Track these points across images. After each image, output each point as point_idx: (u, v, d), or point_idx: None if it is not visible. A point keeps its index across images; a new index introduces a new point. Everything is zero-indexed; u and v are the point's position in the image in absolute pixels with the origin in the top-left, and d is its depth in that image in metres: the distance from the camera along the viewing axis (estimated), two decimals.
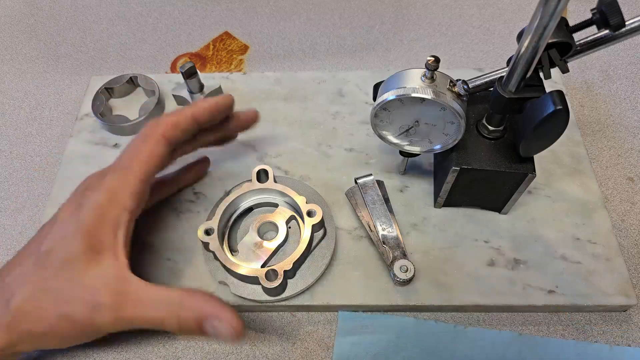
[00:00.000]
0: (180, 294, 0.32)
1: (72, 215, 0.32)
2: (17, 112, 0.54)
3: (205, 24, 0.62)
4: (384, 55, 0.58)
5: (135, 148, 0.35)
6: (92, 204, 0.32)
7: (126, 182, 0.33)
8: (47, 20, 0.63)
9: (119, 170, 0.34)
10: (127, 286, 0.31)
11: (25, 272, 0.31)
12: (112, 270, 0.31)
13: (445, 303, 0.38)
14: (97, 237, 0.31)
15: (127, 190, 0.33)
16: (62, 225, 0.32)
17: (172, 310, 0.31)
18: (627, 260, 0.42)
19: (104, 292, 0.31)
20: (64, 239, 0.31)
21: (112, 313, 0.31)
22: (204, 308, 0.31)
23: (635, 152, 0.48)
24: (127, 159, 0.35)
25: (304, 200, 0.39)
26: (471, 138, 0.38)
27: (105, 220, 0.32)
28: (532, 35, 0.28)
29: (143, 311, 0.31)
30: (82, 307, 0.30)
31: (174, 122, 0.36)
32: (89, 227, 0.31)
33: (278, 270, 0.36)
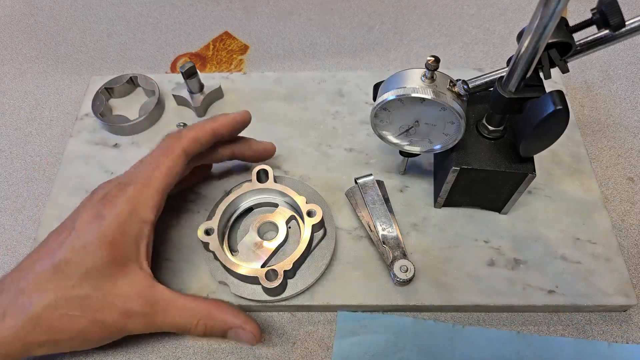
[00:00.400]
0: (207, 305, 0.35)
1: (92, 224, 0.32)
2: (17, 112, 0.54)
3: (205, 24, 0.62)
4: (384, 55, 0.58)
5: (156, 160, 0.35)
6: (114, 215, 0.32)
7: (147, 195, 0.34)
8: (47, 20, 0.63)
9: (141, 183, 0.34)
10: (157, 295, 0.34)
11: (42, 279, 0.31)
12: (141, 280, 0.33)
13: (445, 303, 0.38)
14: (121, 249, 0.32)
15: (148, 204, 0.34)
16: (81, 235, 0.32)
17: (201, 320, 0.34)
18: (627, 260, 0.42)
19: (136, 300, 0.33)
20: (84, 249, 0.31)
21: (145, 319, 0.33)
22: (230, 320, 0.35)
23: (635, 152, 0.48)
24: (149, 170, 0.35)
25: (304, 200, 0.39)
26: (471, 138, 0.38)
27: (128, 233, 0.33)
28: (532, 35, 0.28)
29: (173, 318, 0.34)
30: (115, 314, 0.32)
31: (195, 137, 0.37)
32: (112, 239, 0.32)
33: (278, 270, 0.36)
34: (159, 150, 0.36)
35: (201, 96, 0.49)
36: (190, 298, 0.35)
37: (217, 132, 0.38)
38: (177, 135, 0.37)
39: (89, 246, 0.31)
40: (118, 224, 0.32)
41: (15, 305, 0.31)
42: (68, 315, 0.31)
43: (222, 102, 0.51)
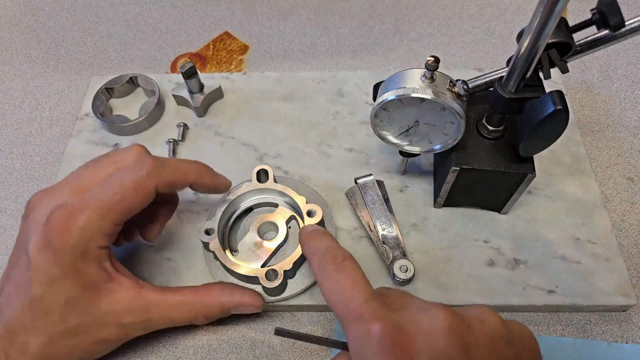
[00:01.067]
0: (200, 295, 0.35)
1: (47, 255, 0.30)
2: (17, 112, 0.54)
3: (205, 24, 0.62)
4: (384, 55, 0.58)
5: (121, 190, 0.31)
6: (69, 246, 0.30)
7: (102, 226, 0.31)
8: (47, 20, 0.63)
9: (97, 213, 0.30)
10: (146, 301, 0.33)
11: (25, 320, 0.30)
12: (124, 295, 0.32)
13: (445, 303, 0.38)
14: (88, 278, 0.31)
15: (103, 234, 0.31)
16: (42, 268, 0.30)
17: (197, 312, 0.34)
18: (627, 260, 0.42)
19: (127, 314, 0.33)
20: (52, 284, 0.30)
21: (142, 325, 0.34)
22: (227, 302, 0.35)
23: (635, 152, 0.48)
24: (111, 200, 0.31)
25: (304, 201, 0.39)
26: (471, 138, 0.38)
27: (88, 261, 0.31)
28: (532, 35, 0.28)
29: (170, 317, 0.34)
30: (113, 329, 0.33)
31: (172, 182, 0.33)
32: (75, 269, 0.30)
33: (278, 270, 0.36)
34: (129, 179, 0.31)
35: (201, 96, 0.49)
36: (182, 292, 0.35)
37: (194, 185, 0.35)
38: (157, 169, 0.32)
39: (55, 280, 0.30)
40: (75, 256, 0.30)
41: (14, 346, 0.30)
42: (68, 345, 0.31)
43: (222, 102, 0.51)
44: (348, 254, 0.30)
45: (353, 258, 0.30)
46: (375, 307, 0.26)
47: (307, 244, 0.32)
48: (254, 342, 0.38)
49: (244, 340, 0.38)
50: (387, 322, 0.25)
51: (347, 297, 0.27)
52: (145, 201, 0.32)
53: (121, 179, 0.32)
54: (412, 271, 0.37)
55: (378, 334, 0.25)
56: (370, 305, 0.26)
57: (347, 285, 0.28)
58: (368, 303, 0.26)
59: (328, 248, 0.31)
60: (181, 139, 0.48)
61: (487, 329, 0.26)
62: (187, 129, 0.49)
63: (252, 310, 0.36)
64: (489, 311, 0.27)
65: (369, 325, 0.25)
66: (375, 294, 0.28)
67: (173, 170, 0.34)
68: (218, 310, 0.35)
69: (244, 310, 0.36)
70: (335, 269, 0.29)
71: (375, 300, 0.27)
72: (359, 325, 0.26)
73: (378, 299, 0.27)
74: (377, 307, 0.26)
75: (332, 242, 0.32)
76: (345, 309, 0.27)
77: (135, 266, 0.41)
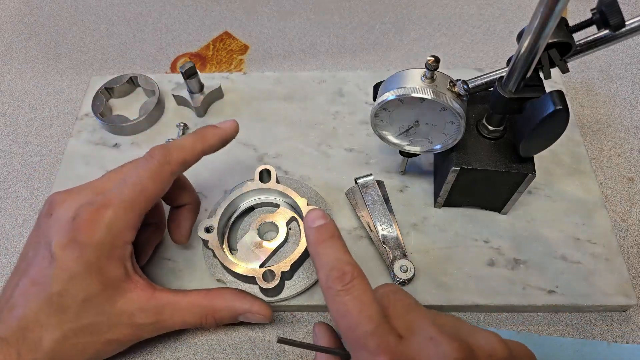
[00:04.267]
0: (211, 298, 0.35)
1: (72, 252, 0.30)
2: (17, 112, 0.54)
3: (205, 24, 0.62)
4: (384, 55, 0.58)
5: (141, 183, 0.33)
6: (95, 243, 0.31)
7: (128, 219, 0.32)
8: (47, 20, 0.63)
9: (122, 207, 0.32)
10: (159, 302, 0.34)
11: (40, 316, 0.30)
12: (139, 295, 0.33)
13: (445, 303, 0.38)
14: (109, 275, 0.32)
15: (129, 227, 0.32)
16: (65, 265, 0.30)
17: (207, 314, 0.35)
18: (627, 260, 0.42)
19: (141, 314, 0.33)
20: (73, 280, 0.30)
21: (155, 327, 0.34)
22: (237, 307, 0.35)
23: (635, 152, 0.48)
24: (132, 193, 0.32)
25: (305, 202, 0.39)
26: (471, 138, 0.38)
27: (112, 258, 0.32)
28: (532, 35, 0.28)
29: (182, 319, 0.34)
30: (126, 330, 0.33)
31: (184, 160, 0.35)
32: (98, 267, 0.31)
33: (275, 271, 0.36)
34: (145, 170, 0.33)
35: (201, 96, 0.49)
36: (194, 295, 0.35)
37: (206, 152, 0.36)
38: (167, 156, 0.34)
39: (76, 277, 0.30)
40: (101, 252, 0.31)
41: (25, 342, 0.30)
42: (81, 343, 0.32)
43: (222, 102, 0.51)
44: (357, 270, 0.28)
45: (362, 275, 0.28)
46: (382, 337, 0.25)
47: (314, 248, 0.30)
48: (254, 342, 0.38)
49: (244, 340, 0.38)
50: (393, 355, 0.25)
51: (353, 323, 0.26)
52: (163, 188, 0.34)
53: (137, 172, 0.33)
54: (412, 271, 0.37)
55: None
56: (377, 335, 0.25)
57: (354, 310, 0.26)
58: (375, 332, 0.25)
59: (336, 261, 0.28)
60: None
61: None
62: (187, 129, 0.49)
63: (260, 320, 0.36)
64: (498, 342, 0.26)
65: (374, 358, 0.25)
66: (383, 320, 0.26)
67: (180, 151, 0.35)
68: (228, 315, 0.35)
69: (252, 318, 0.36)
70: (343, 290, 0.27)
71: (382, 327, 0.26)
72: (364, 353, 0.25)
73: (385, 326, 0.26)
74: (383, 337, 0.25)
75: (340, 251, 0.29)
76: (351, 335, 0.26)
77: None
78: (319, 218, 0.31)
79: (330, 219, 0.31)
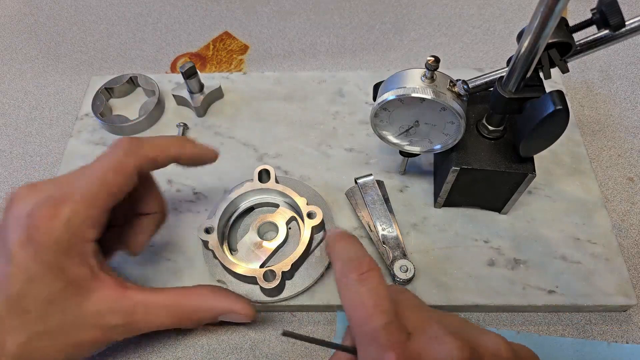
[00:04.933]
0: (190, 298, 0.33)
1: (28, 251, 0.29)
2: (17, 112, 0.54)
3: (205, 24, 0.62)
4: (384, 55, 0.58)
5: (103, 175, 0.31)
6: (52, 242, 0.29)
7: (89, 215, 0.30)
8: (47, 20, 0.63)
9: (81, 202, 0.30)
10: (130, 301, 0.31)
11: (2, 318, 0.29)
12: (108, 294, 0.31)
13: (445, 303, 0.38)
14: (71, 275, 0.30)
15: (89, 224, 0.30)
16: (22, 265, 0.28)
17: (184, 315, 0.33)
18: (627, 260, 0.42)
19: (111, 315, 0.31)
20: (32, 282, 0.29)
21: (126, 329, 0.32)
22: (217, 307, 0.33)
23: (635, 152, 0.48)
24: (92, 186, 0.30)
25: (305, 202, 0.39)
26: (471, 138, 0.38)
27: (72, 257, 0.30)
28: (532, 35, 0.28)
29: (156, 320, 0.32)
30: (95, 332, 0.31)
31: (154, 158, 0.32)
32: (58, 266, 0.29)
33: (276, 271, 0.36)
34: (108, 161, 0.31)
35: (201, 96, 0.49)
36: (170, 293, 0.33)
37: (177, 160, 0.34)
38: (133, 148, 0.32)
39: (35, 277, 0.29)
40: (60, 251, 0.29)
41: None
42: (48, 347, 0.30)
43: (222, 102, 0.51)
44: (374, 263, 0.27)
45: (379, 269, 0.27)
46: (393, 333, 0.25)
47: (332, 246, 0.29)
48: (254, 342, 0.38)
49: (244, 340, 0.38)
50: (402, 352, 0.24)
51: (366, 316, 0.25)
52: (127, 182, 0.31)
53: (100, 163, 0.31)
54: (412, 271, 0.37)
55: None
56: (388, 330, 0.25)
57: (368, 302, 0.26)
58: (386, 327, 0.25)
59: (355, 253, 0.28)
60: None
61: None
62: (187, 129, 0.49)
63: (242, 320, 0.34)
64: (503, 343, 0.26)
65: (384, 353, 0.24)
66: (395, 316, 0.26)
67: (152, 147, 0.33)
68: (207, 315, 0.33)
69: (234, 318, 0.34)
70: (358, 279, 0.26)
71: (394, 323, 0.25)
72: (374, 348, 0.25)
73: (397, 322, 0.26)
74: (394, 333, 0.25)
75: (359, 248, 0.29)
76: (363, 327, 0.25)
77: (135, 266, 0.41)
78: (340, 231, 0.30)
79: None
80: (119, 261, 0.41)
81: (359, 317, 0.26)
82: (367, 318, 0.25)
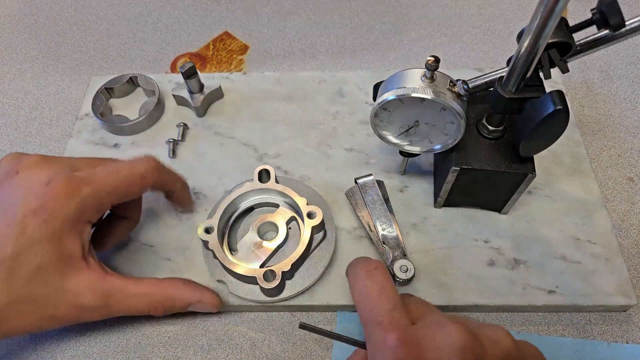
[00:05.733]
0: (163, 287, 0.36)
1: (37, 218, 0.30)
2: (17, 112, 0.54)
3: (205, 24, 0.62)
4: (384, 55, 0.58)
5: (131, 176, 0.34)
6: (63, 215, 0.31)
7: (102, 203, 0.33)
8: (47, 20, 0.63)
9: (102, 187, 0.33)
10: (109, 286, 0.34)
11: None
12: (90, 274, 0.33)
13: (445, 303, 0.38)
14: (67, 248, 0.32)
15: (98, 209, 0.33)
16: (28, 230, 0.30)
17: (158, 302, 0.35)
18: (627, 260, 0.42)
19: (88, 295, 0.33)
20: (32, 245, 0.30)
21: (100, 311, 0.34)
22: (187, 297, 0.36)
23: (635, 152, 0.48)
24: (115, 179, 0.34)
25: (305, 202, 0.39)
26: (471, 138, 0.38)
27: (73, 233, 0.32)
28: (532, 35, 0.28)
29: (130, 305, 0.35)
30: (69, 309, 0.32)
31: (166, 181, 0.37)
32: (60, 237, 0.31)
33: (276, 271, 0.36)
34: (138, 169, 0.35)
35: (201, 96, 0.49)
36: (145, 282, 0.35)
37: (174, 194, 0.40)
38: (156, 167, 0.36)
39: (37, 243, 0.30)
40: (66, 223, 0.31)
41: None
42: (24, 312, 0.31)
43: (222, 102, 0.51)
44: (380, 263, 0.31)
45: (385, 268, 0.31)
46: (396, 317, 0.28)
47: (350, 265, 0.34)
48: (254, 342, 0.38)
49: (244, 340, 0.38)
50: (404, 333, 0.26)
51: (372, 303, 0.28)
52: (140, 192, 0.36)
53: (130, 167, 0.35)
54: (412, 271, 0.37)
55: (393, 344, 0.26)
56: (392, 315, 0.28)
57: (374, 292, 0.29)
58: (390, 312, 0.28)
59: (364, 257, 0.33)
60: (181, 139, 0.48)
61: (499, 350, 0.27)
62: (187, 129, 0.49)
63: (209, 309, 0.37)
64: (503, 332, 0.27)
65: (386, 334, 0.26)
66: (400, 304, 0.29)
67: (169, 173, 0.38)
68: (177, 304, 0.36)
69: (202, 308, 0.37)
70: (366, 274, 0.30)
71: (398, 309, 0.28)
72: (378, 331, 0.27)
73: (401, 309, 0.28)
74: (397, 317, 0.27)
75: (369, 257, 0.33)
76: (369, 314, 0.28)
77: (135, 266, 0.41)
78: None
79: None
80: (117, 260, 0.41)
81: (366, 306, 0.29)
82: (373, 305, 0.28)
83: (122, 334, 0.39)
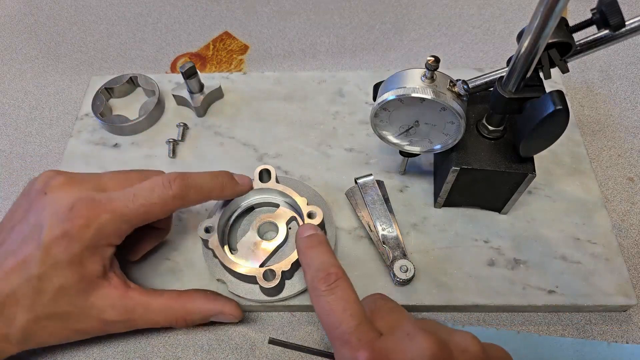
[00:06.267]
0: (183, 301, 0.36)
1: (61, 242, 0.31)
2: (17, 112, 0.54)
3: (205, 24, 0.62)
4: (384, 55, 0.58)
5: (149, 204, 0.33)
6: (86, 240, 0.32)
7: (121, 229, 0.33)
8: (47, 20, 0.63)
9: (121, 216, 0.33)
10: (131, 302, 0.35)
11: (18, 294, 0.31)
12: (112, 292, 0.34)
13: (445, 303, 0.38)
14: (87, 270, 0.33)
15: (119, 234, 0.34)
16: (51, 252, 0.31)
17: (179, 317, 0.36)
18: (627, 260, 0.42)
19: (111, 312, 0.34)
20: (56, 267, 0.32)
21: (124, 325, 0.35)
22: (209, 309, 0.36)
23: (635, 152, 0.48)
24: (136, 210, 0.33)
25: (305, 202, 0.39)
26: (471, 138, 0.38)
27: (95, 255, 0.33)
28: (532, 35, 0.28)
29: (152, 319, 0.36)
30: (94, 323, 0.34)
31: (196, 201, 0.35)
32: (81, 261, 0.32)
33: (276, 270, 0.36)
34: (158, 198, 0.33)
35: (201, 96, 0.49)
36: (166, 296, 0.36)
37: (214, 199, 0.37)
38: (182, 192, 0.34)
39: (59, 265, 0.32)
40: (86, 248, 0.32)
41: (2, 317, 0.32)
42: (51, 327, 0.33)
43: (222, 102, 0.51)
44: (341, 272, 0.30)
45: (346, 277, 0.30)
46: (363, 333, 0.27)
47: (303, 253, 0.32)
48: (254, 342, 0.38)
49: (244, 340, 0.38)
50: (372, 351, 0.26)
51: (336, 321, 0.28)
52: (166, 215, 0.35)
53: (150, 193, 0.33)
54: (412, 271, 0.37)
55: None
56: (358, 332, 0.27)
57: (337, 309, 0.28)
58: (357, 329, 0.27)
59: (322, 264, 0.30)
60: (181, 139, 0.48)
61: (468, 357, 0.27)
62: (187, 129, 0.49)
63: (231, 320, 0.37)
64: (472, 339, 0.27)
65: (356, 353, 0.26)
66: (365, 318, 0.28)
67: (197, 192, 0.35)
68: (199, 317, 0.36)
69: (223, 318, 0.37)
70: (327, 290, 0.29)
71: (364, 325, 0.27)
72: (346, 350, 0.27)
73: (367, 324, 0.28)
74: (364, 334, 0.27)
75: (326, 255, 0.31)
76: (335, 332, 0.28)
77: (135, 266, 0.41)
78: (309, 229, 0.33)
79: (320, 231, 0.33)
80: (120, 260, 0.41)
81: (330, 323, 0.28)
82: (337, 323, 0.27)
83: (122, 334, 0.39)
